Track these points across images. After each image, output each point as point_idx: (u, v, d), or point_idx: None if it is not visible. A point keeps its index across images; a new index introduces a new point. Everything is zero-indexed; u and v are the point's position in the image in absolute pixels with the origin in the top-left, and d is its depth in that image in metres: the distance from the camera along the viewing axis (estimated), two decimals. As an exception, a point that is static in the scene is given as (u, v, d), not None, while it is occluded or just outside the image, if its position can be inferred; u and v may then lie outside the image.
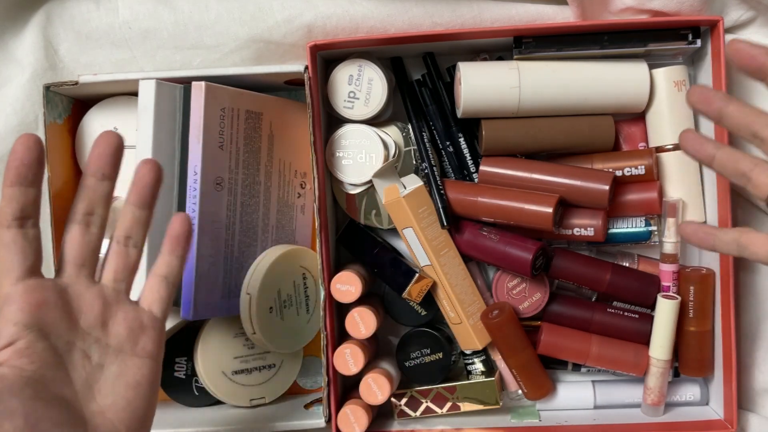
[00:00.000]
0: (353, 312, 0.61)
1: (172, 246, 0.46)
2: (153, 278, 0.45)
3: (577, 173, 0.61)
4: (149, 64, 0.64)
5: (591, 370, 0.65)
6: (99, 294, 0.42)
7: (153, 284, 0.45)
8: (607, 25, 0.59)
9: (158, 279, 0.45)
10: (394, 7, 0.61)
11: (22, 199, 0.39)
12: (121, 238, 0.44)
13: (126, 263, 0.44)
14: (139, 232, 0.44)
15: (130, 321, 0.43)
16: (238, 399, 0.64)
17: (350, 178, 0.63)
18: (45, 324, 0.39)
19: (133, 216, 0.44)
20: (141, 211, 0.44)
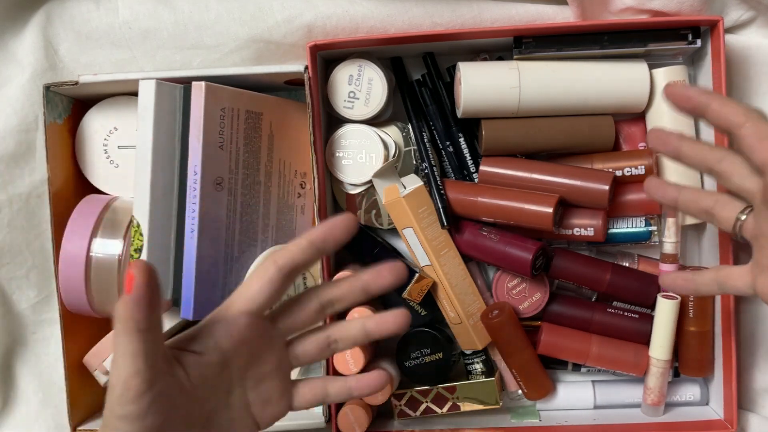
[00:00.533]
0: (353, 312, 0.61)
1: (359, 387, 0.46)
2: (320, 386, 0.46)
3: (577, 173, 0.61)
4: (149, 64, 0.64)
5: (591, 370, 0.65)
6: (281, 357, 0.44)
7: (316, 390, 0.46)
8: (607, 25, 0.59)
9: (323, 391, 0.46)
10: (394, 7, 0.61)
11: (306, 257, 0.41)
12: (332, 339, 0.45)
13: (316, 355, 0.45)
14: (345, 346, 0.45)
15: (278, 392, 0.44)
16: (238, 399, 0.64)
17: (350, 178, 0.63)
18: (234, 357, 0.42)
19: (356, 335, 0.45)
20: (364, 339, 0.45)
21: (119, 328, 0.37)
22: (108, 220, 0.60)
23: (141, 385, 0.37)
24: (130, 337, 0.37)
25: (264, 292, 0.41)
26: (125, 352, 0.37)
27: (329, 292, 0.44)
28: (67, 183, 0.63)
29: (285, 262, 0.41)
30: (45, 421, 0.67)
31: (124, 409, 0.38)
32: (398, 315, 0.45)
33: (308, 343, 0.45)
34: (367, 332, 0.45)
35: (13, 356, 0.67)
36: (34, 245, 0.65)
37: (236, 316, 0.42)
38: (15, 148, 0.63)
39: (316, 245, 0.42)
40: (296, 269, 0.42)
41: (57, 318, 0.63)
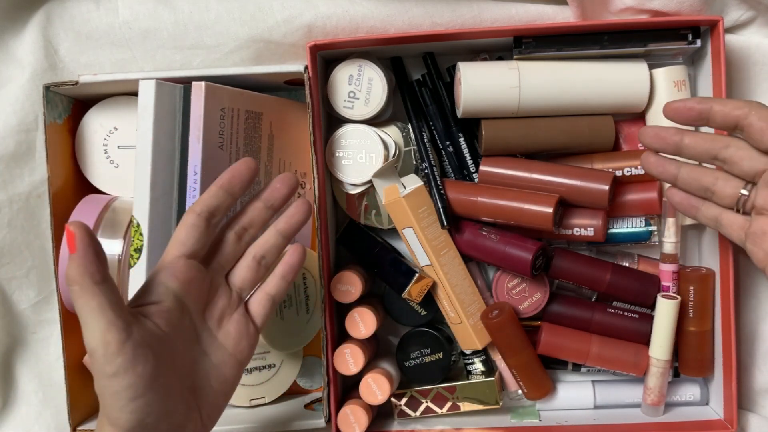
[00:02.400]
0: (353, 312, 0.62)
1: (285, 272, 0.51)
2: (262, 294, 0.51)
3: (577, 173, 0.61)
4: (149, 64, 0.64)
5: (591, 370, 0.65)
6: (227, 292, 0.49)
7: (261, 299, 0.50)
8: (607, 25, 0.59)
9: (267, 297, 0.51)
10: (394, 7, 0.61)
11: (219, 201, 0.47)
12: (258, 256, 0.50)
13: (253, 277, 0.50)
14: (274, 255, 0.50)
15: (240, 324, 0.48)
16: (237, 399, 0.64)
17: (350, 178, 0.63)
18: (187, 299, 0.46)
19: (275, 241, 0.50)
20: (283, 241, 0.50)
21: (77, 290, 0.39)
22: (108, 220, 0.60)
23: (119, 335, 0.40)
24: (91, 292, 0.39)
25: (189, 235, 0.46)
26: (92, 310, 0.39)
27: (237, 221, 0.49)
28: (67, 183, 0.63)
29: (201, 207, 0.47)
30: (45, 421, 0.67)
31: (111, 365, 0.40)
32: (301, 204, 0.51)
33: (240, 270, 0.49)
34: (281, 233, 0.50)
35: (13, 356, 0.67)
36: (34, 245, 0.65)
37: (173, 260, 0.46)
38: (15, 148, 0.63)
39: (224, 188, 0.47)
40: (213, 212, 0.47)
41: (57, 318, 0.63)
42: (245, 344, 0.48)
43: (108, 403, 0.40)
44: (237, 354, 0.48)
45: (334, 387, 0.62)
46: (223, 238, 0.49)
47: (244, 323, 0.49)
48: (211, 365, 0.47)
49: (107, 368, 0.40)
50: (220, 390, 0.47)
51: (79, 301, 0.40)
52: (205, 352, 0.47)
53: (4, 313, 0.66)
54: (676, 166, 0.51)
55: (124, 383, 0.40)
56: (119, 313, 0.40)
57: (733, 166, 0.49)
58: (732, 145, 0.49)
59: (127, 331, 0.40)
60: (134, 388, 0.40)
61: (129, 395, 0.40)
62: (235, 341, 0.48)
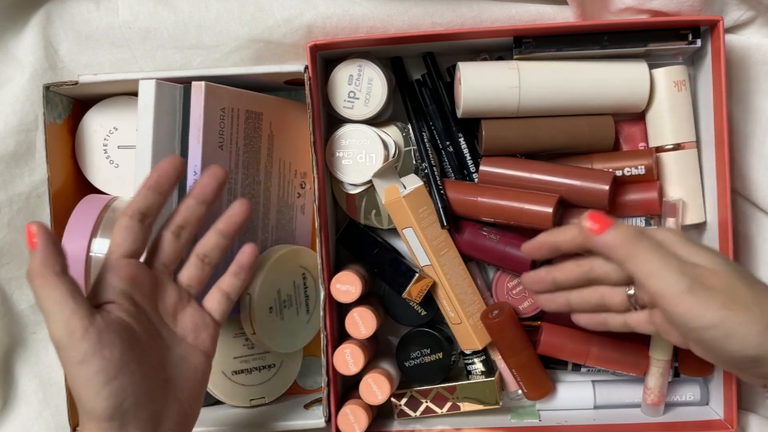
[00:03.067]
0: (353, 312, 0.61)
1: (237, 270, 0.53)
2: (217, 291, 0.52)
3: (577, 173, 0.61)
4: (149, 64, 0.64)
5: (591, 370, 0.65)
6: (176, 289, 0.50)
7: (216, 296, 0.52)
8: (607, 25, 0.59)
9: (221, 293, 0.52)
10: (394, 7, 0.61)
11: (149, 201, 0.48)
12: (201, 254, 0.51)
13: (199, 275, 0.51)
14: (217, 254, 0.52)
15: (195, 317, 0.50)
16: (237, 399, 0.64)
17: (350, 178, 0.63)
18: (136, 295, 0.46)
19: (216, 241, 0.51)
20: (224, 240, 0.52)
21: (39, 283, 0.41)
22: (108, 220, 0.60)
23: (82, 321, 0.41)
24: (53, 283, 0.41)
25: (125, 237, 0.47)
26: (54, 301, 0.41)
27: (172, 220, 0.50)
28: (67, 183, 0.63)
29: (131, 209, 0.47)
30: (45, 421, 0.67)
31: (78, 351, 0.41)
32: (239, 205, 0.52)
33: (186, 268, 0.51)
34: (221, 233, 0.51)
35: (13, 356, 0.67)
36: (34, 245, 0.65)
37: (114, 261, 0.46)
38: (15, 148, 0.63)
39: (152, 188, 0.48)
40: (144, 213, 0.48)
41: (57, 318, 0.63)
42: (205, 335, 0.50)
43: (82, 394, 0.41)
44: (199, 345, 0.49)
45: (334, 387, 0.62)
46: (161, 238, 0.50)
47: (199, 316, 0.50)
48: (177, 357, 0.48)
49: (74, 354, 0.41)
50: (193, 378, 0.49)
51: (41, 293, 0.41)
52: (167, 346, 0.48)
53: (4, 313, 0.66)
54: (564, 297, 0.53)
55: (93, 368, 0.41)
56: (81, 301, 0.42)
57: (607, 281, 0.51)
58: (594, 266, 0.51)
59: (90, 318, 0.41)
60: (105, 372, 0.41)
61: (101, 380, 0.41)
62: (194, 333, 0.49)
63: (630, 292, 0.50)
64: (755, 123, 0.62)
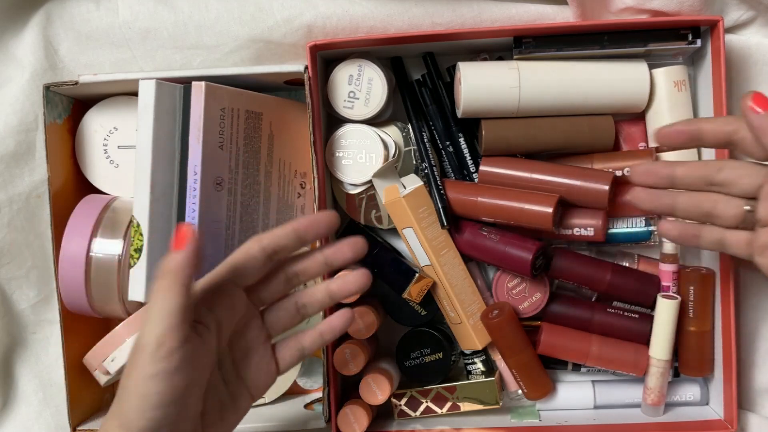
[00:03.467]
0: (353, 312, 0.61)
1: (324, 330, 0.50)
2: (295, 343, 0.50)
3: (577, 173, 0.61)
4: (149, 64, 0.64)
5: (591, 370, 0.65)
6: (258, 328, 0.48)
7: (292, 346, 0.49)
8: (607, 25, 0.59)
9: (298, 345, 0.49)
10: (394, 7, 0.61)
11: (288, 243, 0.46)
12: (300, 304, 0.49)
13: (288, 322, 0.49)
14: (315, 309, 0.49)
15: (263, 360, 0.48)
16: (238, 399, 0.64)
17: (350, 178, 0.63)
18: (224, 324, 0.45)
19: (321, 298, 0.49)
20: (329, 300, 0.49)
21: (163, 283, 0.40)
22: (108, 220, 0.60)
23: (175, 342, 0.40)
24: (173, 291, 0.40)
25: (248, 266, 0.46)
26: (164, 308, 0.40)
27: (293, 264, 0.48)
28: (67, 183, 0.63)
29: (268, 242, 0.46)
30: (45, 421, 0.67)
31: (155, 366, 0.39)
32: (361, 276, 0.49)
33: (279, 311, 0.49)
34: (330, 294, 0.49)
35: (13, 356, 0.67)
36: (34, 245, 0.65)
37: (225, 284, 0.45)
38: (15, 148, 0.63)
39: (298, 233, 0.46)
40: (277, 251, 0.46)
41: (57, 318, 0.63)
42: (262, 382, 0.48)
43: (130, 403, 0.40)
44: (252, 389, 0.48)
45: (334, 387, 0.62)
46: (273, 275, 0.48)
47: (266, 361, 0.48)
48: (226, 395, 0.47)
49: (149, 368, 0.39)
50: (228, 420, 0.47)
51: (158, 294, 0.40)
52: (224, 381, 0.47)
53: (4, 313, 0.66)
54: (671, 197, 0.51)
55: (157, 388, 0.39)
56: (185, 322, 0.40)
57: (731, 187, 0.48)
58: (726, 166, 0.48)
59: (183, 340, 0.40)
60: (162, 396, 0.40)
61: (155, 402, 0.39)
62: (254, 376, 0.48)
63: (748, 208, 0.47)
64: (755, 123, 0.62)
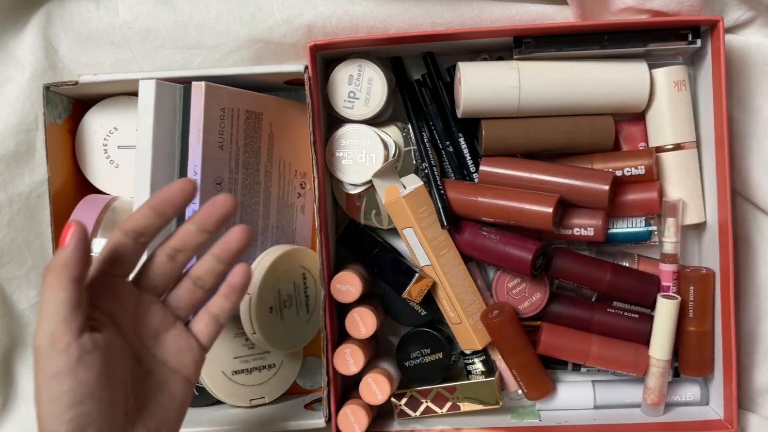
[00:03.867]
0: (353, 312, 0.62)
1: (228, 292, 0.49)
2: (205, 313, 0.49)
3: (577, 173, 0.61)
4: (149, 64, 0.64)
5: (591, 370, 0.65)
6: (162, 311, 0.47)
7: (204, 319, 0.49)
8: (607, 25, 0.59)
9: (210, 316, 0.49)
10: (394, 7, 0.61)
11: (148, 222, 0.45)
12: (194, 277, 0.48)
13: (190, 297, 0.48)
14: (210, 279, 0.49)
15: (179, 340, 0.47)
16: (237, 399, 0.64)
17: (350, 178, 0.63)
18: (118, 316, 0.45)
19: (210, 265, 0.48)
20: (219, 265, 0.48)
21: (52, 278, 0.40)
22: (108, 220, 0.60)
23: (68, 336, 0.39)
24: (63, 285, 0.39)
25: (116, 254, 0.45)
26: (55, 302, 0.39)
27: (169, 242, 0.47)
28: (67, 183, 0.63)
29: (129, 226, 0.45)
30: (45, 421, 0.67)
31: (55, 364, 0.39)
32: (238, 231, 0.48)
33: (178, 290, 0.48)
34: (216, 257, 0.48)
35: (13, 356, 0.67)
36: (34, 245, 0.65)
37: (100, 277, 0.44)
38: (15, 148, 0.63)
39: (154, 209, 0.45)
40: (140, 232, 0.45)
41: (57, 318, 0.63)
42: (188, 359, 0.47)
43: (45, 412, 0.39)
44: (181, 370, 0.47)
45: (334, 387, 0.62)
46: (154, 258, 0.47)
47: (183, 340, 0.47)
48: (155, 382, 0.46)
49: (48, 367, 0.39)
50: (169, 407, 0.46)
51: (47, 291, 0.40)
52: (147, 370, 0.46)
53: (4, 313, 0.66)
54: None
55: (64, 386, 0.39)
56: (76, 315, 0.40)
57: None
58: None
59: (77, 333, 0.40)
60: (73, 393, 0.39)
61: (67, 401, 0.39)
62: (177, 357, 0.47)
63: None
64: (755, 123, 0.62)
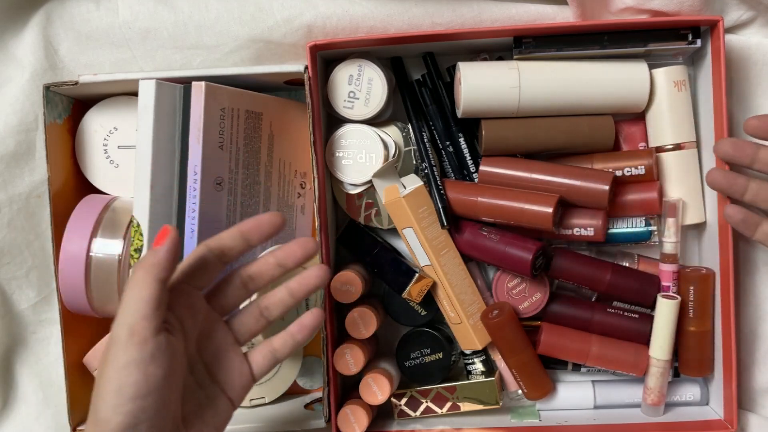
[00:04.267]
0: (353, 312, 0.62)
1: (295, 330, 0.51)
2: (267, 347, 0.50)
3: (577, 173, 0.61)
4: (149, 64, 0.64)
5: (591, 370, 0.65)
6: (224, 333, 0.49)
7: (263, 351, 0.50)
8: (607, 25, 0.59)
9: (269, 349, 0.50)
10: (394, 7, 0.61)
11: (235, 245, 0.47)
12: (262, 306, 0.50)
13: (253, 325, 0.50)
14: (277, 311, 0.50)
15: (234, 364, 0.49)
16: (238, 399, 0.64)
17: (350, 178, 0.63)
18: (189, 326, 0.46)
19: (282, 297, 0.50)
20: (290, 300, 0.50)
21: (139, 275, 0.41)
22: (108, 220, 0.60)
23: (148, 331, 0.41)
24: (149, 282, 0.41)
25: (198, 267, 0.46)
26: (139, 298, 0.41)
27: (247, 269, 0.49)
28: (67, 183, 0.63)
29: (215, 244, 0.47)
30: (45, 421, 0.67)
31: (129, 355, 0.40)
32: (318, 270, 0.50)
33: (243, 316, 0.50)
34: (290, 291, 0.50)
35: (13, 356, 0.67)
36: (34, 245, 0.65)
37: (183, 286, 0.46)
38: (15, 148, 0.63)
39: (243, 234, 0.48)
40: (224, 252, 0.47)
41: (57, 318, 0.63)
42: (238, 383, 0.49)
43: (105, 401, 0.40)
44: (228, 391, 0.48)
45: (334, 387, 0.62)
46: (229, 281, 0.49)
47: (238, 364, 0.49)
48: (204, 398, 0.47)
49: (122, 357, 0.40)
50: (211, 423, 0.47)
51: (133, 286, 0.41)
52: (199, 385, 0.47)
53: (4, 313, 0.66)
54: (745, 179, 0.51)
55: (131, 379, 0.40)
56: (157, 313, 0.41)
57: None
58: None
59: (156, 330, 0.41)
60: (138, 386, 0.40)
61: (131, 393, 0.40)
62: (228, 378, 0.48)
63: None
64: (755, 123, 0.62)
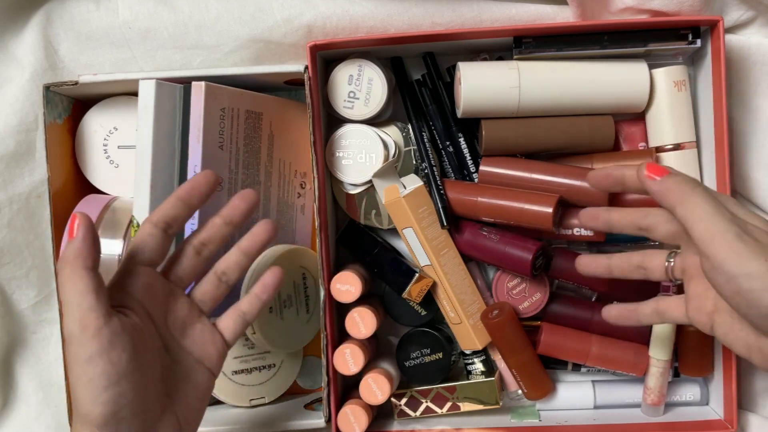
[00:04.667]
0: (353, 312, 0.61)
1: (259, 291, 0.51)
2: (234, 310, 0.51)
3: (577, 173, 0.61)
4: (149, 64, 0.64)
5: (591, 370, 0.65)
6: (188, 303, 0.49)
7: (232, 315, 0.51)
8: (607, 25, 0.59)
9: (238, 313, 0.51)
10: (394, 7, 0.61)
11: (176, 212, 0.47)
12: (219, 272, 0.50)
13: (214, 292, 0.50)
14: (235, 272, 0.51)
15: (204, 334, 0.49)
16: (237, 399, 0.64)
17: (350, 178, 0.63)
18: (148, 304, 0.46)
19: (236, 259, 0.50)
20: (245, 259, 0.51)
21: (67, 272, 0.41)
22: (108, 220, 0.60)
23: (97, 320, 0.41)
24: (80, 275, 0.41)
25: (146, 244, 0.46)
26: (77, 293, 0.41)
27: (197, 235, 0.49)
28: (67, 183, 0.63)
29: (157, 217, 0.47)
30: (45, 421, 0.67)
31: (86, 349, 0.40)
32: (265, 224, 0.51)
33: (203, 286, 0.50)
34: (243, 251, 0.50)
35: (13, 356, 0.67)
36: (34, 245, 0.65)
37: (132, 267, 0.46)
38: (15, 148, 0.63)
39: (181, 199, 0.48)
40: (169, 223, 0.47)
41: (57, 318, 0.63)
42: (212, 352, 0.49)
43: (81, 396, 0.41)
44: (205, 361, 0.49)
45: (334, 387, 0.62)
46: (182, 251, 0.49)
47: (208, 333, 0.49)
48: (181, 371, 0.48)
49: (82, 352, 0.40)
50: (194, 395, 0.48)
51: (66, 283, 0.41)
52: (174, 359, 0.47)
53: (4, 313, 0.66)
54: (606, 258, 0.54)
55: (98, 369, 0.40)
56: (102, 300, 0.41)
57: (654, 233, 0.51)
58: (650, 213, 0.51)
59: (106, 317, 0.41)
60: (107, 375, 0.40)
61: (102, 383, 0.40)
62: (201, 349, 0.49)
63: (671, 261, 0.50)
64: (755, 123, 0.62)
